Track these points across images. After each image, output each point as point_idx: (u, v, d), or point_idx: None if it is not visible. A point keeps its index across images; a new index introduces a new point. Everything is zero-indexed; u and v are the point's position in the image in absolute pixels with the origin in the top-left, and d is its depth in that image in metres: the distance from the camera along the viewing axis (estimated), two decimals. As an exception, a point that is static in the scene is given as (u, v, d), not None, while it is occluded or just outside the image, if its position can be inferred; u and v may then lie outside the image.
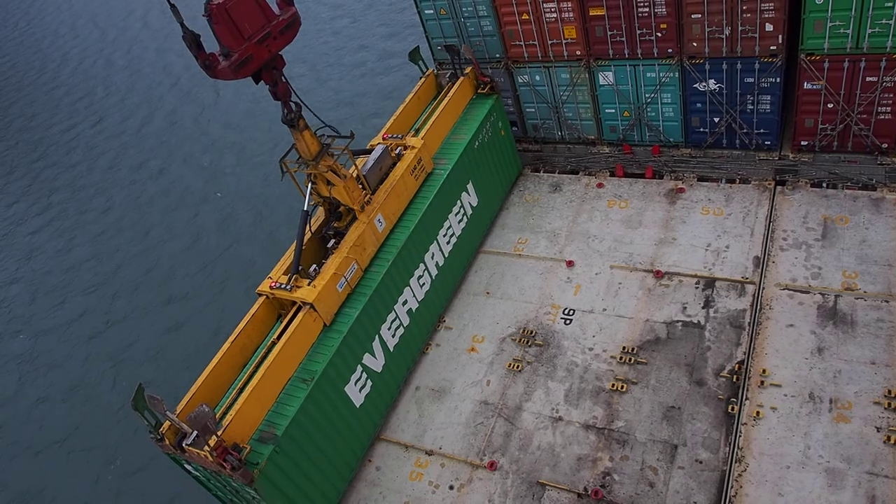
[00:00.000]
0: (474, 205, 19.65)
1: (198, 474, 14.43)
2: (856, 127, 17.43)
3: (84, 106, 56.92)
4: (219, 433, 12.65)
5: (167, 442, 13.40)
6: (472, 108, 20.23)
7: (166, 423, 13.44)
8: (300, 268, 15.50)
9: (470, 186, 19.40)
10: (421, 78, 20.58)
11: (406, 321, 17.08)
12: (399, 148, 18.12)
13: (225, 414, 13.47)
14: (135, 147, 48.51)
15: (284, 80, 14.60)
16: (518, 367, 16.91)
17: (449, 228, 18.59)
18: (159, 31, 65.33)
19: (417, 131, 18.90)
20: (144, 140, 48.93)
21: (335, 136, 15.71)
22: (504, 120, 20.90)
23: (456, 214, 18.86)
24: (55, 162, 50.56)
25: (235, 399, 13.70)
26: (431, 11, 20.49)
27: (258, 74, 14.18)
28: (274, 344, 14.59)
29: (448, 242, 18.58)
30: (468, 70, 20.09)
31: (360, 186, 16.54)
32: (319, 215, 17.11)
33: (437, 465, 15.69)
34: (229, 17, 12.92)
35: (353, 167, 16.58)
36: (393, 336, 16.67)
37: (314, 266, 15.57)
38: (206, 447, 12.53)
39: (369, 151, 17.79)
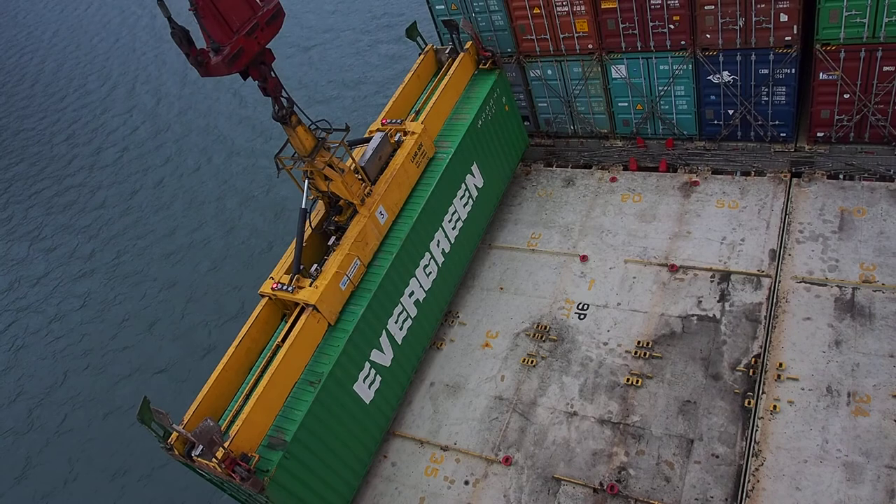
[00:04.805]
0: (480, 186, 19.13)
1: (211, 479, 14.42)
2: (873, 117, 17.23)
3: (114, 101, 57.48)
4: (226, 445, 12.56)
5: (177, 452, 13.41)
6: (475, 84, 19.62)
7: (174, 434, 13.38)
8: (301, 267, 15.23)
9: (475, 168, 18.88)
10: (420, 55, 19.94)
11: (413, 312, 16.87)
12: (398, 134, 17.62)
13: (232, 423, 13.38)
14: (150, 144, 48.84)
15: (274, 76, 14.13)
16: (532, 362, 16.90)
17: (454, 214, 18.17)
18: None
19: (418, 113, 18.38)
20: (162, 138, 49.24)
21: (330, 130, 15.25)
22: (508, 95, 20.27)
23: (461, 199, 18.42)
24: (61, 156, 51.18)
25: (242, 406, 13.60)
26: (443, 7, 20.41)
27: (246, 71, 13.73)
28: (279, 347, 14.41)
29: (454, 228, 18.19)
30: (468, 45, 19.50)
31: (360, 179, 16.09)
32: (320, 209, 16.66)
33: (452, 460, 15.73)
34: (216, 9, 12.55)
35: (351, 160, 16.18)
36: (401, 329, 16.47)
37: (315, 265, 15.26)
38: (215, 459, 12.47)
39: (368, 140, 17.34)
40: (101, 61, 62.61)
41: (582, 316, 17.46)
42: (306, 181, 15.75)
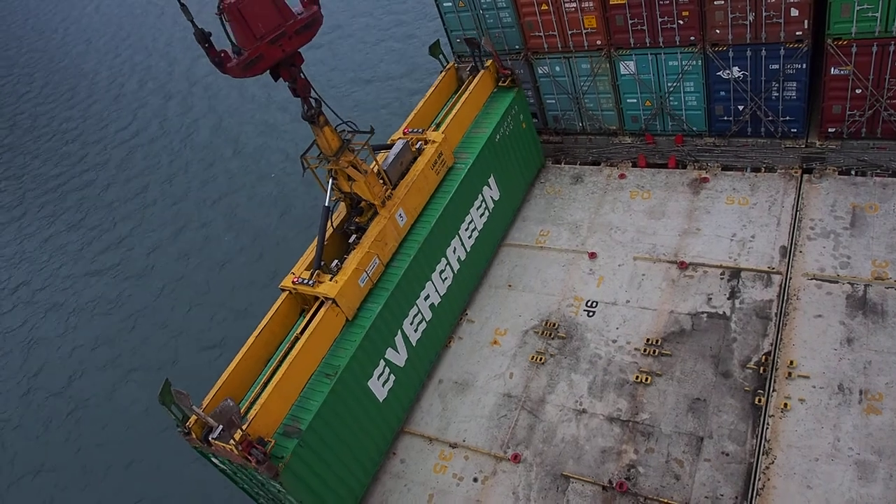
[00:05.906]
0: (496, 198, 19.60)
1: (225, 468, 14.66)
2: (885, 112, 17.07)
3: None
4: (244, 427, 12.81)
5: (194, 436, 13.61)
6: (494, 101, 20.17)
7: (193, 418, 13.63)
8: (322, 263, 15.61)
9: (491, 180, 19.37)
10: (441, 72, 20.56)
11: (428, 315, 17.12)
12: (420, 142, 18.14)
13: (250, 408, 13.64)
14: (177, 133, 49.02)
15: (303, 77, 14.60)
16: (541, 359, 16.87)
17: (471, 222, 18.57)
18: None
19: (438, 125, 18.89)
20: (188, 125, 49.44)
21: (355, 132, 15.77)
22: (526, 113, 20.77)
23: (478, 208, 18.83)
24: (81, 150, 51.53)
25: (260, 393, 13.86)
26: (450, 4, 20.41)
27: (276, 71, 14.17)
28: (297, 339, 14.73)
29: (470, 236, 18.57)
30: (488, 63, 20.02)
31: (381, 182, 16.58)
32: (341, 211, 17.19)
33: (461, 457, 15.74)
34: (241, 16, 12.83)
35: (374, 162, 16.66)
36: (415, 331, 16.72)
37: (336, 261, 15.66)
38: (232, 441, 12.70)
39: (390, 146, 17.86)
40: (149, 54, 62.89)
41: (591, 313, 17.41)
42: (330, 180, 16.21)
